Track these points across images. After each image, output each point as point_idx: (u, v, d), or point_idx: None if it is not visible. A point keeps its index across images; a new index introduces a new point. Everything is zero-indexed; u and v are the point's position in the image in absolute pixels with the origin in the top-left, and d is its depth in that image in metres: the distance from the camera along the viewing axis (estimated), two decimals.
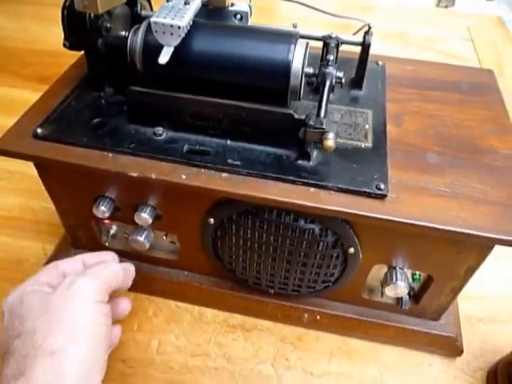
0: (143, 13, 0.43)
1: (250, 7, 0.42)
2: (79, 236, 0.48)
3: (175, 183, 0.35)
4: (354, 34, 0.42)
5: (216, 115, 0.36)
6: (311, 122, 0.34)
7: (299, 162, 0.36)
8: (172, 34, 0.32)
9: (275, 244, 0.39)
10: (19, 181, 0.61)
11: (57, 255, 0.51)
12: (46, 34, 0.91)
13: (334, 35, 0.40)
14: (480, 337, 0.48)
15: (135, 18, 0.42)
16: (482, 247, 0.36)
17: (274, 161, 0.36)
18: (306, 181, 0.35)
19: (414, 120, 0.42)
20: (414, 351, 0.47)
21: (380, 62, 0.48)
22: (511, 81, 0.84)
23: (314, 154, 0.36)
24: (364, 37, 0.41)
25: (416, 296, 0.44)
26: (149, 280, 0.49)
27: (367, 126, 0.40)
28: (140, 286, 0.49)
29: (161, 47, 0.34)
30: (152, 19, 0.32)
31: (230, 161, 0.36)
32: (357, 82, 0.44)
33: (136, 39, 0.36)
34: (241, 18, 0.41)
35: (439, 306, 0.44)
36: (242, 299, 0.48)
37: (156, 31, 0.32)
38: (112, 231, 0.48)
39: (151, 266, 0.49)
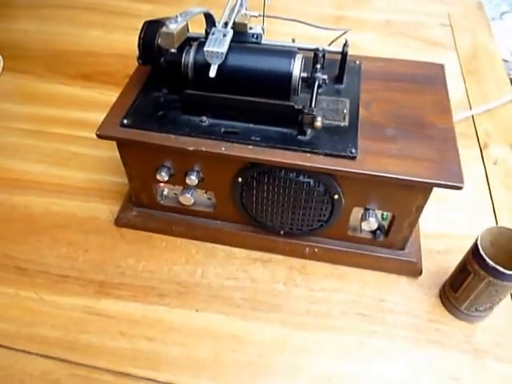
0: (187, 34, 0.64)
1: (263, 29, 0.63)
2: (141, 197, 0.70)
3: (218, 153, 0.57)
4: (330, 44, 0.63)
5: (242, 108, 0.58)
6: (306, 111, 0.55)
7: (299, 137, 0.58)
8: (217, 57, 0.53)
9: (284, 194, 0.61)
10: (83, 160, 0.83)
11: (122, 213, 0.73)
12: (83, 36, 1.12)
13: (321, 48, 0.61)
14: (437, 264, 0.70)
15: None
16: (423, 190, 0.58)
17: (281, 137, 0.58)
18: (303, 149, 0.57)
19: (379, 105, 0.63)
20: (387, 273, 0.69)
21: (357, 62, 0.69)
22: (482, 64, 1.04)
23: (309, 131, 0.58)
24: (342, 48, 0.62)
25: (386, 231, 0.66)
26: (191, 228, 0.71)
27: (345, 111, 0.61)
28: (184, 233, 0.72)
29: (206, 63, 0.55)
30: (205, 48, 0.53)
31: (252, 137, 0.58)
32: (339, 79, 0.65)
33: (188, 57, 0.58)
34: (257, 37, 0.62)
35: (402, 238, 0.66)
36: (260, 239, 0.70)
37: (207, 55, 0.53)
38: (165, 192, 0.70)
39: (193, 217, 0.71)
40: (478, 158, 0.84)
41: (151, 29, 0.58)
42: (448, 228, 0.74)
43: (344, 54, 0.62)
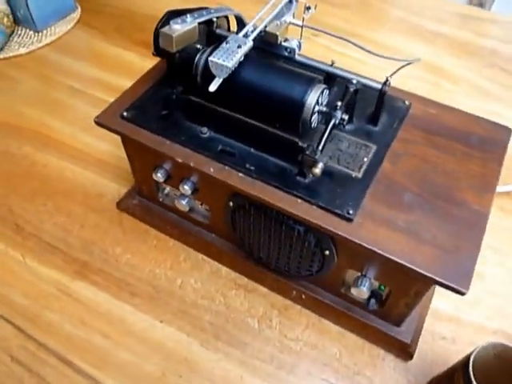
0: (217, 31, 0.57)
1: (299, 43, 0.54)
2: (143, 189, 0.66)
3: (205, 173, 0.51)
4: (390, 76, 0.52)
5: (244, 129, 0.51)
6: (308, 152, 0.47)
7: (297, 177, 0.50)
8: (222, 70, 0.46)
9: (272, 233, 0.54)
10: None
11: (125, 198, 0.70)
12: (161, 0, 1.08)
13: (355, 80, 0.51)
14: (436, 351, 0.59)
15: (210, 35, 0.57)
16: (422, 279, 0.47)
17: (278, 172, 0.50)
18: (296, 194, 0.48)
19: (409, 161, 0.52)
20: (373, 345, 0.59)
21: (407, 102, 0.58)
22: None
23: (310, 174, 0.49)
24: (382, 86, 0.51)
25: (381, 302, 0.57)
26: (186, 233, 0.66)
27: (365, 160, 0.52)
28: (177, 236, 0.67)
29: None
30: (210, 58, 0.46)
31: (247, 165, 0.50)
32: (373, 119, 0.55)
33: (201, 60, 0.51)
34: (289, 52, 0.54)
35: (398, 315, 0.56)
36: (250, 267, 0.63)
37: (211, 66, 0.46)
38: (166, 191, 0.65)
39: (189, 223, 0.66)
40: None
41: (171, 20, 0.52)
42: (464, 313, 0.62)
43: (382, 93, 0.52)
